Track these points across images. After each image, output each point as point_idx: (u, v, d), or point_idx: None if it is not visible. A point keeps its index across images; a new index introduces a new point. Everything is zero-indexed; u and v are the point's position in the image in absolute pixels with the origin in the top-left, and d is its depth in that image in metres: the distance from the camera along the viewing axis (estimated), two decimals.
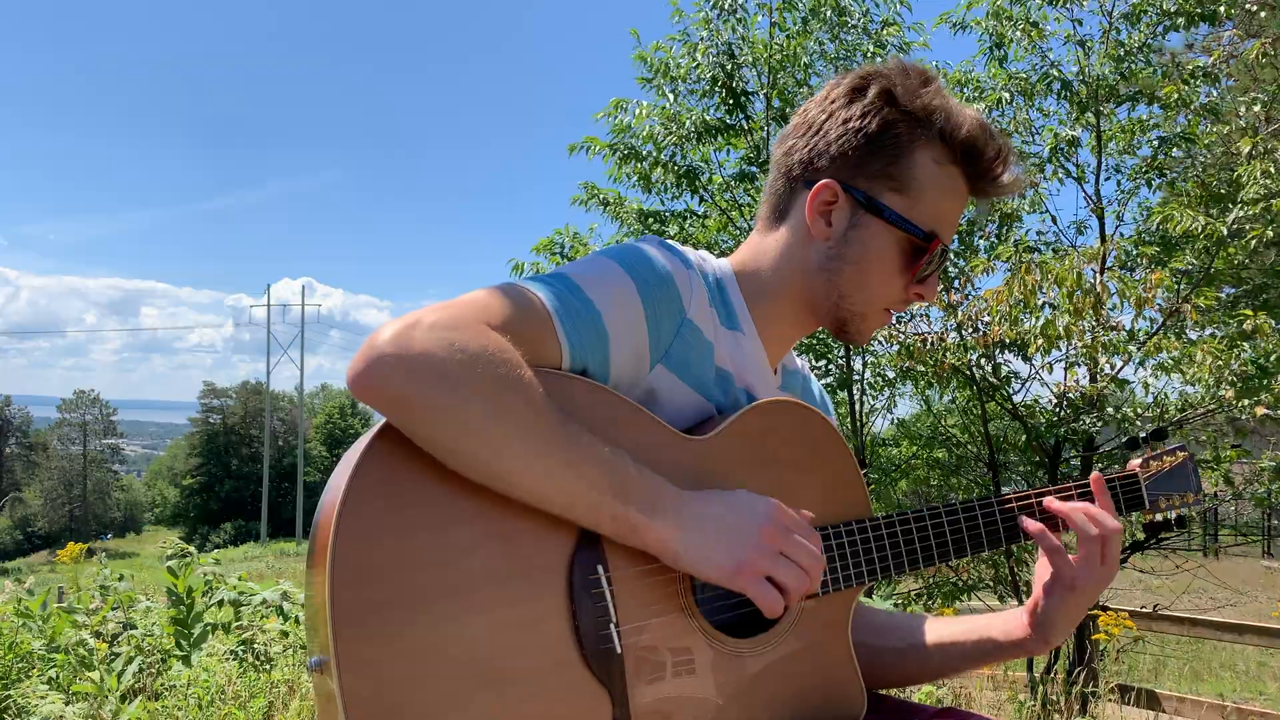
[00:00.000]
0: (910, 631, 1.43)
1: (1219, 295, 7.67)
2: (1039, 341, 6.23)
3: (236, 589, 4.71)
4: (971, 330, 6.74)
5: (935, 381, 7.53)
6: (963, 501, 1.34)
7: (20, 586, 4.84)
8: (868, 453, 9.55)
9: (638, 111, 8.34)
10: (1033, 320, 6.32)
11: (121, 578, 5.22)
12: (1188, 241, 7.55)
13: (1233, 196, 7.12)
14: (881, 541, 1.29)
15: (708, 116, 8.35)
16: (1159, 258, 7.74)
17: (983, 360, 7.06)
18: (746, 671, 1.20)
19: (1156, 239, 8.05)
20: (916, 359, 6.82)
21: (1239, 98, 7.97)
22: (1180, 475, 1.42)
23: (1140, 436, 1.43)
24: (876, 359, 9.19)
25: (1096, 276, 6.40)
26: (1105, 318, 6.43)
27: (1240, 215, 6.65)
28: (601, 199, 8.82)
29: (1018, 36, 7.91)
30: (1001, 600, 8.88)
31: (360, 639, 0.96)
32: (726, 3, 8.21)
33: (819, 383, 1.56)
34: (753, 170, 8.72)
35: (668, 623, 1.15)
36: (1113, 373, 7.06)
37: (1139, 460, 1.44)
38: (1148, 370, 7.27)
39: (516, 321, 1.08)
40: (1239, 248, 7.54)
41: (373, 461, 1.02)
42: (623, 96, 8.48)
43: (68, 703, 3.42)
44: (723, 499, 1.14)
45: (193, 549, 4.63)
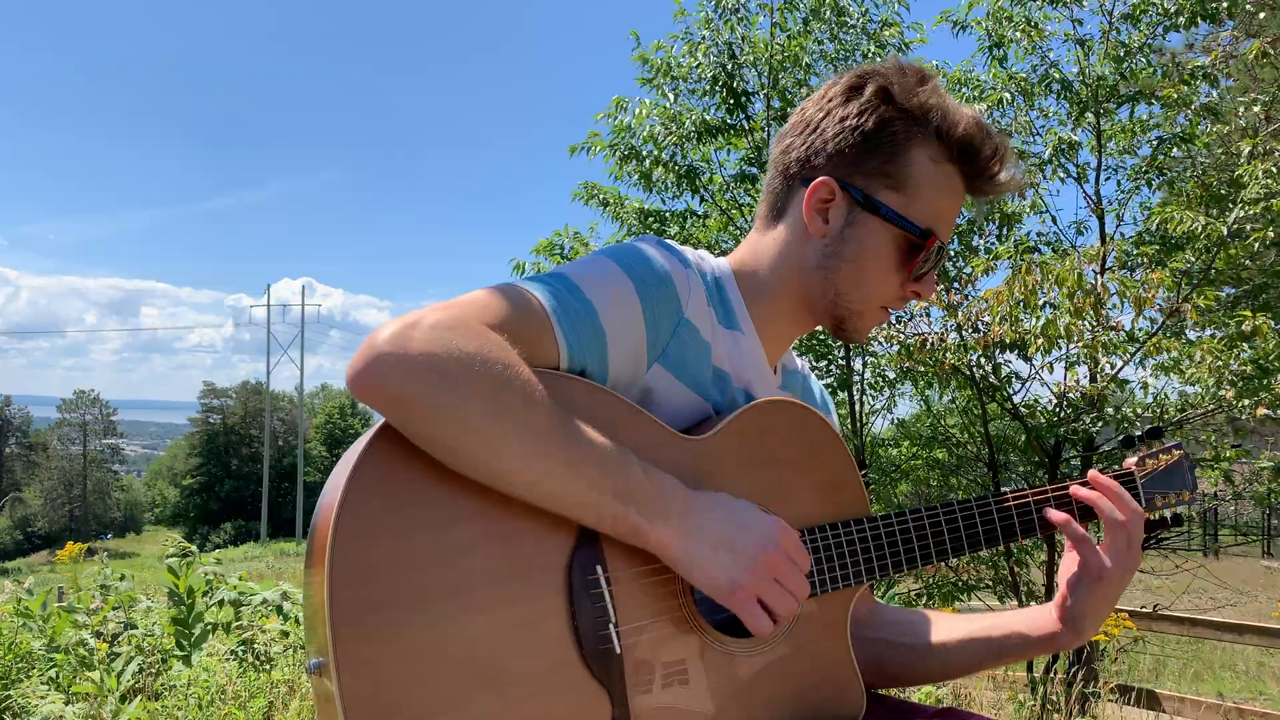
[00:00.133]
0: (931, 629, 1.42)
1: (1218, 295, 7.66)
2: (1039, 341, 6.23)
3: (237, 589, 4.71)
4: (971, 330, 6.74)
5: (935, 382, 7.52)
6: (960, 500, 1.34)
7: (20, 586, 4.83)
8: (868, 453, 9.54)
9: (638, 111, 8.34)
10: (1033, 320, 6.32)
11: (122, 577, 5.22)
12: (1188, 241, 7.54)
13: (1233, 196, 7.12)
14: (880, 540, 1.28)
15: (708, 116, 8.35)
16: (1158, 258, 7.74)
17: (983, 360, 7.05)
18: (745, 671, 1.20)
19: (1157, 239, 8.06)
20: (917, 359, 6.82)
21: (1239, 98, 7.98)
22: (1176, 473, 1.42)
23: (1136, 435, 1.43)
24: (876, 359, 9.19)
25: (1097, 277, 6.40)
26: (1105, 318, 6.43)
27: (1240, 215, 6.65)
28: (601, 198, 8.81)
29: (1017, 36, 7.91)
30: (1001, 600, 8.87)
31: (359, 638, 0.96)
32: (729, 2, 8.21)
33: (820, 385, 1.55)
34: (753, 171, 8.71)
35: (667, 623, 1.15)
36: (1113, 373, 7.05)
37: (1135, 459, 1.44)
38: (1148, 370, 7.27)
39: (515, 322, 1.08)
40: (1240, 248, 7.54)
41: (371, 461, 1.02)
42: (626, 96, 8.50)
43: (68, 703, 3.42)
44: (730, 514, 1.13)
45: (194, 548, 4.63)
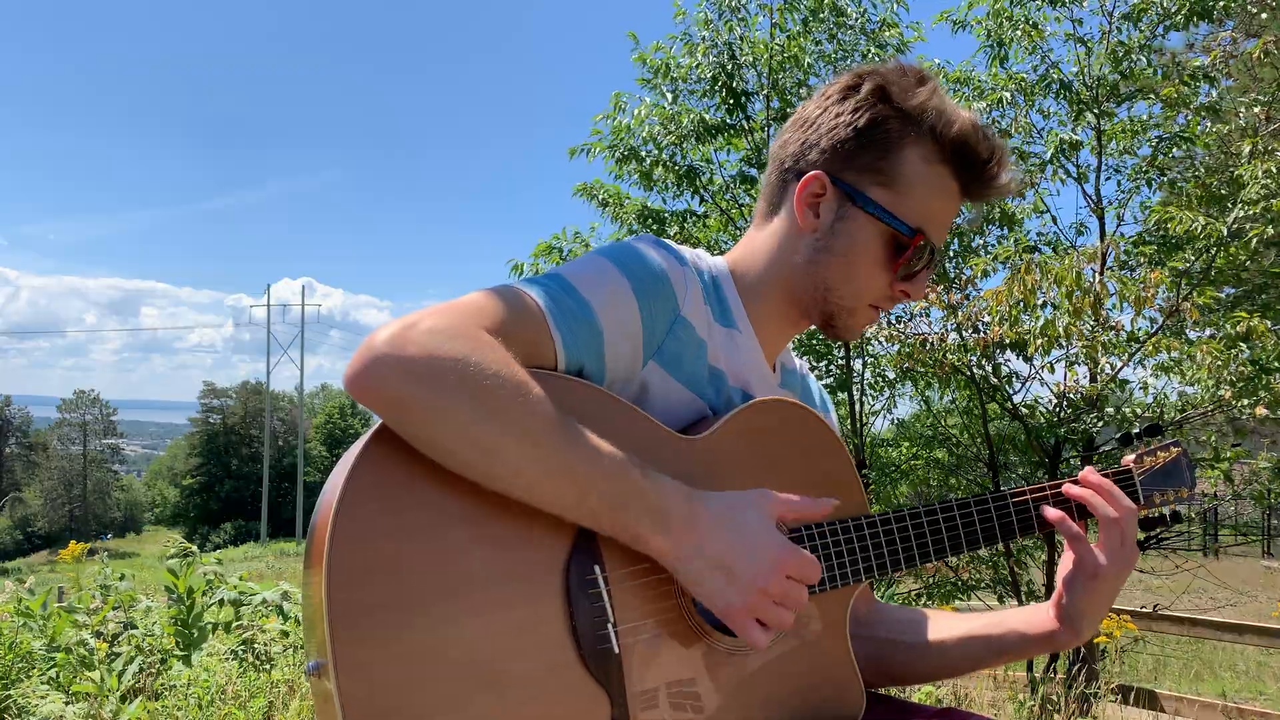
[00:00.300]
0: (930, 627, 1.42)
1: (1218, 295, 7.66)
2: (1038, 342, 6.23)
3: (237, 589, 4.71)
4: (971, 330, 6.73)
5: (936, 382, 7.52)
6: (958, 499, 1.34)
7: (20, 586, 4.83)
8: (868, 453, 9.53)
9: (637, 111, 8.35)
10: (1032, 320, 6.32)
11: (123, 577, 5.22)
12: (1188, 241, 7.54)
13: (1232, 196, 7.12)
14: (878, 539, 1.29)
15: (707, 116, 8.36)
16: (1158, 257, 7.74)
17: (983, 360, 7.05)
18: (744, 670, 1.20)
19: (1156, 239, 8.05)
20: (917, 359, 6.82)
21: (1239, 98, 7.97)
22: (1174, 471, 1.42)
23: (1134, 433, 1.43)
24: (876, 359, 9.19)
25: (1096, 276, 6.39)
26: (1105, 318, 6.43)
27: (1240, 215, 6.64)
28: (601, 198, 8.82)
29: (1018, 36, 7.91)
30: (1001, 600, 8.87)
31: (357, 641, 0.96)
32: (728, 2, 8.21)
33: (819, 384, 1.56)
34: (752, 171, 8.71)
35: (666, 622, 1.14)
36: (1113, 373, 7.05)
37: (1133, 456, 1.44)
38: (1148, 370, 7.27)
39: (511, 323, 1.08)
40: (1239, 247, 7.53)
41: (369, 463, 1.02)
42: (625, 92, 8.50)
43: (68, 702, 3.42)
44: (736, 535, 1.11)
45: (195, 548, 4.63)
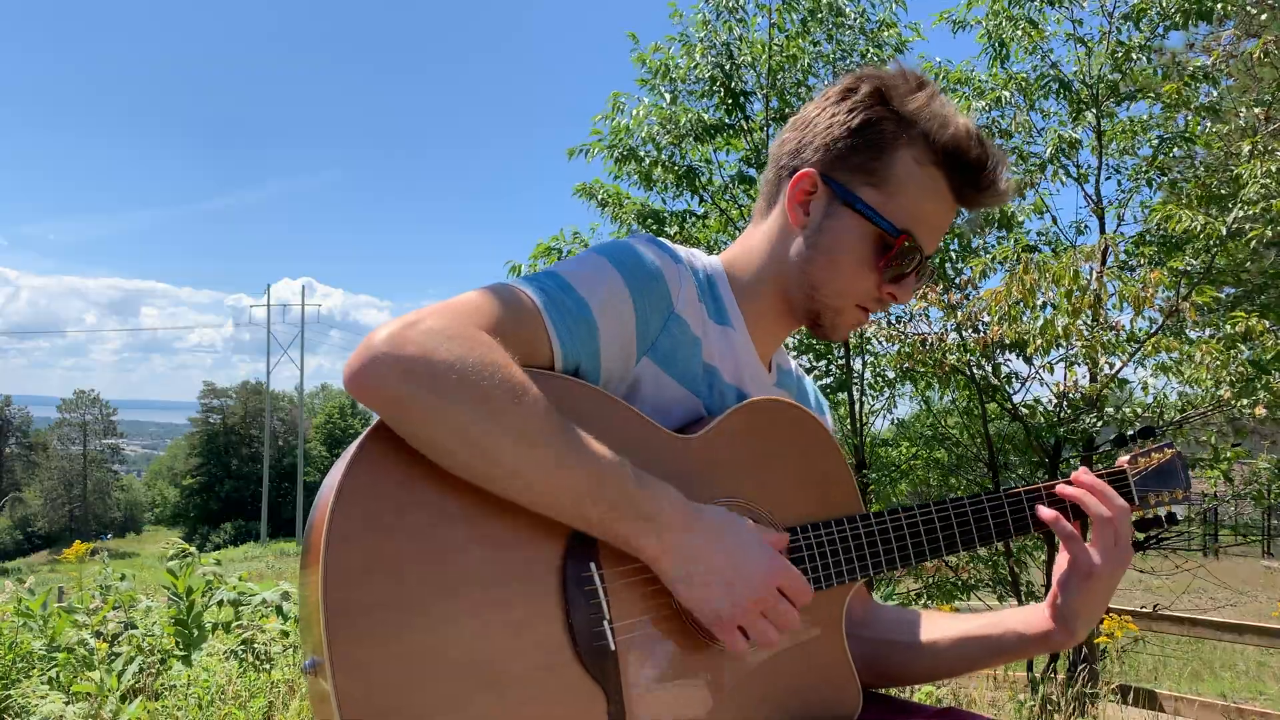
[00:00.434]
0: (927, 628, 1.42)
1: (1218, 295, 7.65)
2: (1038, 342, 6.22)
3: (236, 589, 4.71)
4: (971, 330, 6.73)
5: (935, 382, 7.52)
6: (953, 498, 1.34)
7: (20, 586, 4.84)
8: (867, 453, 9.53)
9: (635, 112, 8.35)
10: (1032, 320, 6.32)
11: (123, 577, 5.23)
12: (1188, 241, 7.54)
13: (1233, 196, 7.11)
14: (873, 538, 1.29)
15: (705, 116, 8.35)
16: (1158, 257, 7.73)
17: (982, 360, 7.05)
18: (741, 668, 1.20)
19: (1157, 239, 8.05)
20: (916, 359, 6.82)
21: (1239, 98, 7.97)
22: (1169, 472, 1.42)
23: (1128, 434, 1.43)
24: (876, 359, 9.19)
25: (1093, 275, 6.38)
26: (1104, 317, 6.42)
27: (1240, 215, 6.64)
28: (600, 198, 8.82)
29: (1018, 36, 7.91)
30: (1001, 600, 8.87)
31: (353, 640, 0.96)
32: (726, 3, 8.21)
33: (814, 386, 1.56)
34: (752, 172, 8.71)
35: (662, 620, 1.15)
36: (1112, 373, 7.05)
37: (1127, 457, 1.44)
38: (1148, 370, 7.26)
39: (508, 322, 1.09)
40: (1239, 247, 7.53)
41: (365, 463, 1.03)
42: (624, 92, 8.49)
43: (68, 702, 3.42)
44: (729, 542, 1.12)
45: (194, 549, 4.63)
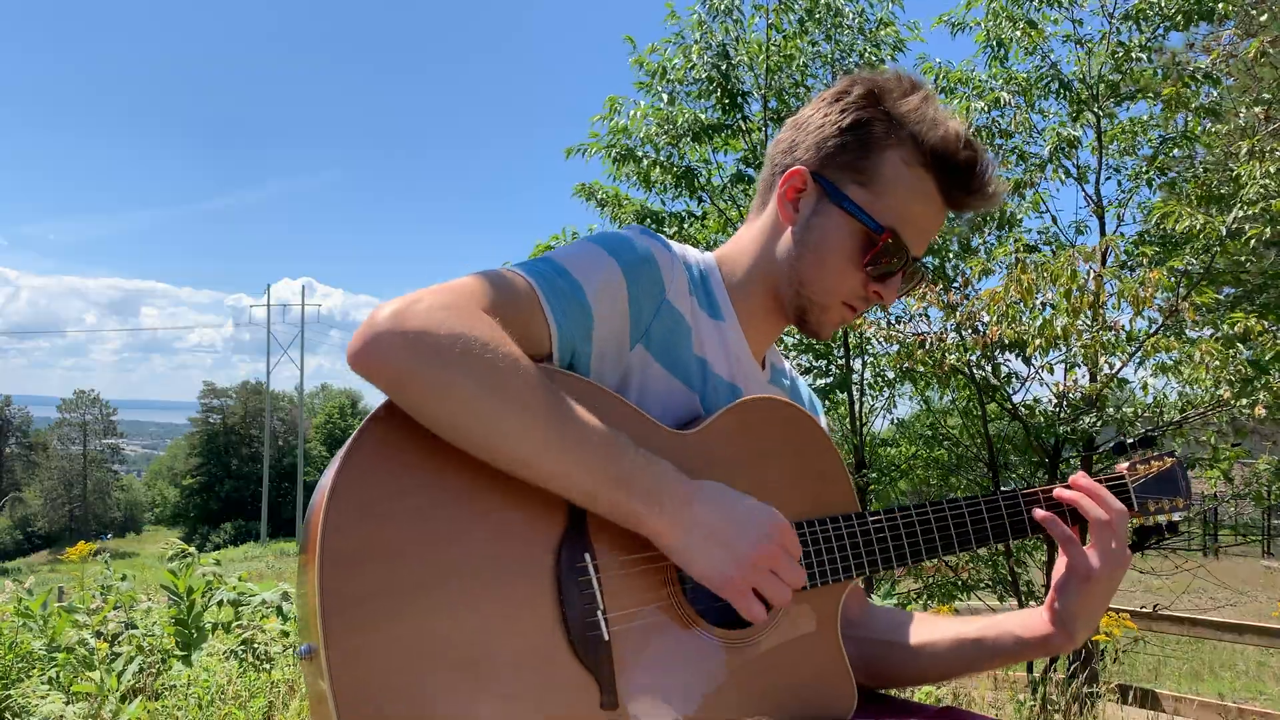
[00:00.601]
0: (924, 630, 1.42)
1: (1217, 295, 7.64)
2: (1037, 342, 6.22)
3: (236, 589, 4.72)
4: (970, 330, 6.73)
5: (935, 382, 7.52)
6: (949, 499, 1.34)
7: (20, 586, 4.84)
8: (867, 453, 9.53)
9: (633, 113, 8.36)
10: (1031, 320, 6.32)
11: (124, 577, 5.23)
12: (1187, 241, 7.54)
13: (1232, 196, 7.11)
14: (868, 536, 1.29)
15: (703, 116, 8.35)
16: (1158, 257, 7.73)
17: (982, 361, 7.05)
18: (735, 663, 1.20)
19: (1156, 239, 8.04)
20: (916, 359, 6.81)
21: (1238, 98, 7.96)
22: (1168, 480, 1.42)
23: (1128, 442, 1.43)
24: (876, 359, 9.18)
25: (1091, 274, 6.37)
26: (1103, 317, 6.42)
27: (1240, 215, 6.63)
28: (599, 198, 8.84)
29: (1017, 36, 7.90)
30: (1001, 600, 8.87)
31: (348, 627, 0.97)
32: (721, 4, 8.21)
33: (809, 388, 1.57)
34: (750, 172, 8.72)
35: (656, 612, 1.15)
36: (1112, 373, 7.04)
37: (1126, 465, 1.44)
38: (1148, 370, 7.26)
39: (507, 304, 1.11)
40: (1238, 247, 7.52)
41: (360, 456, 1.03)
42: (620, 95, 8.50)
43: (68, 702, 3.42)
44: (727, 508, 1.14)
45: (193, 550, 4.64)
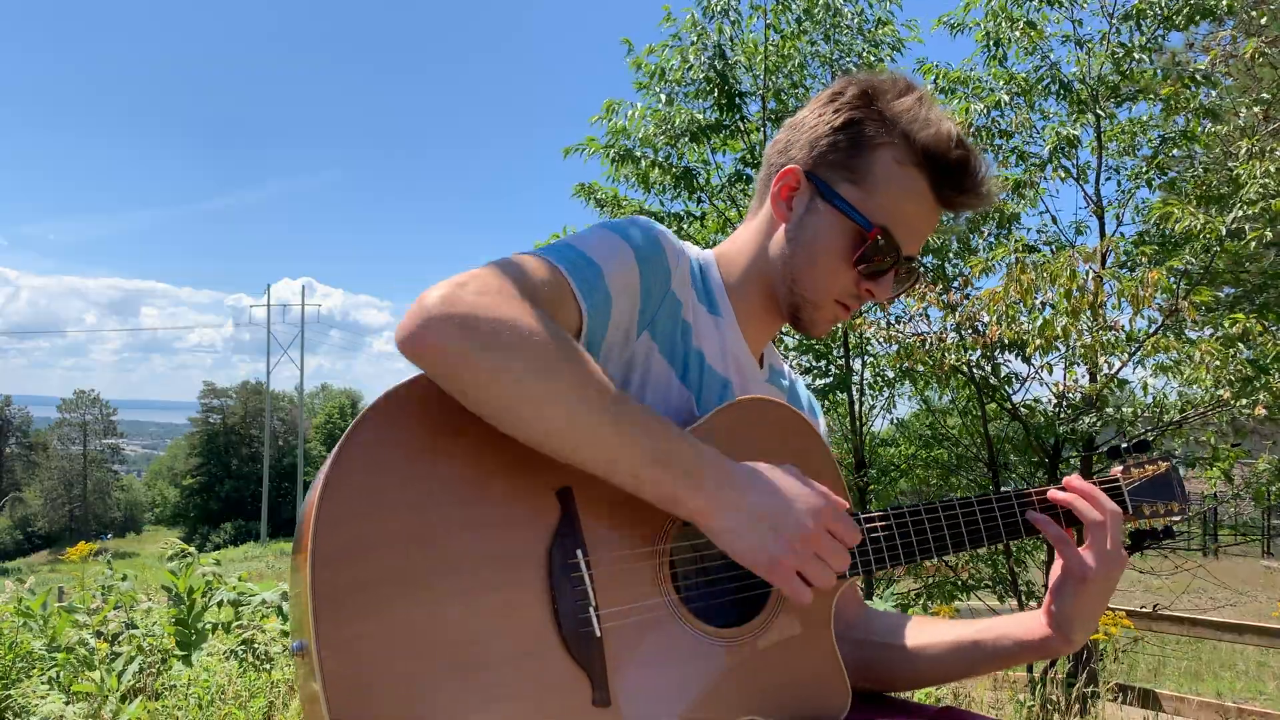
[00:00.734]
0: (921, 633, 1.42)
1: (1217, 295, 7.65)
2: (1037, 342, 6.23)
3: (236, 589, 4.71)
4: (970, 330, 6.73)
5: (935, 382, 7.52)
6: (943, 500, 1.34)
7: (20, 586, 4.83)
8: (867, 453, 9.53)
9: (630, 114, 8.36)
10: (1031, 320, 6.32)
11: (124, 577, 5.22)
12: (1187, 241, 7.53)
13: (1232, 196, 7.11)
14: (863, 538, 1.29)
15: (701, 116, 8.36)
16: (1157, 257, 7.73)
17: (982, 360, 7.05)
18: (727, 660, 1.20)
19: (1156, 239, 8.04)
20: (916, 359, 6.81)
21: (1238, 98, 7.96)
22: (1163, 484, 1.42)
23: (1122, 446, 1.43)
24: (875, 359, 9.19)
25: (1090, 274, 6.37)
26: (1103, 317, 6.42)
27: (1240, 215, 6.63)
28: (598, 199, 8.85)
29: (1016, 36, 7.90)
30: (1001, 600, 8.87)
31: (340, 620, 0.97)
32: (717, 5, 8.21)
33: (807, 390, 1.57)
34: (749, 172, 8.72)
35: (648, 608, 1.16)
36: (1112, 373, 7.05)
37: (1120, 468, 1.44)
38: (1147, 370, 7.26)
39: (540, 286, 1.11)
40: (1238, 247, 7.52)
41: (353, 450, 1.04)
42: (620, 98, 8.52)
43: (68, 702, 3.42)
44: (775, 487, 1.13)
45: (193, 550, 4.63)
